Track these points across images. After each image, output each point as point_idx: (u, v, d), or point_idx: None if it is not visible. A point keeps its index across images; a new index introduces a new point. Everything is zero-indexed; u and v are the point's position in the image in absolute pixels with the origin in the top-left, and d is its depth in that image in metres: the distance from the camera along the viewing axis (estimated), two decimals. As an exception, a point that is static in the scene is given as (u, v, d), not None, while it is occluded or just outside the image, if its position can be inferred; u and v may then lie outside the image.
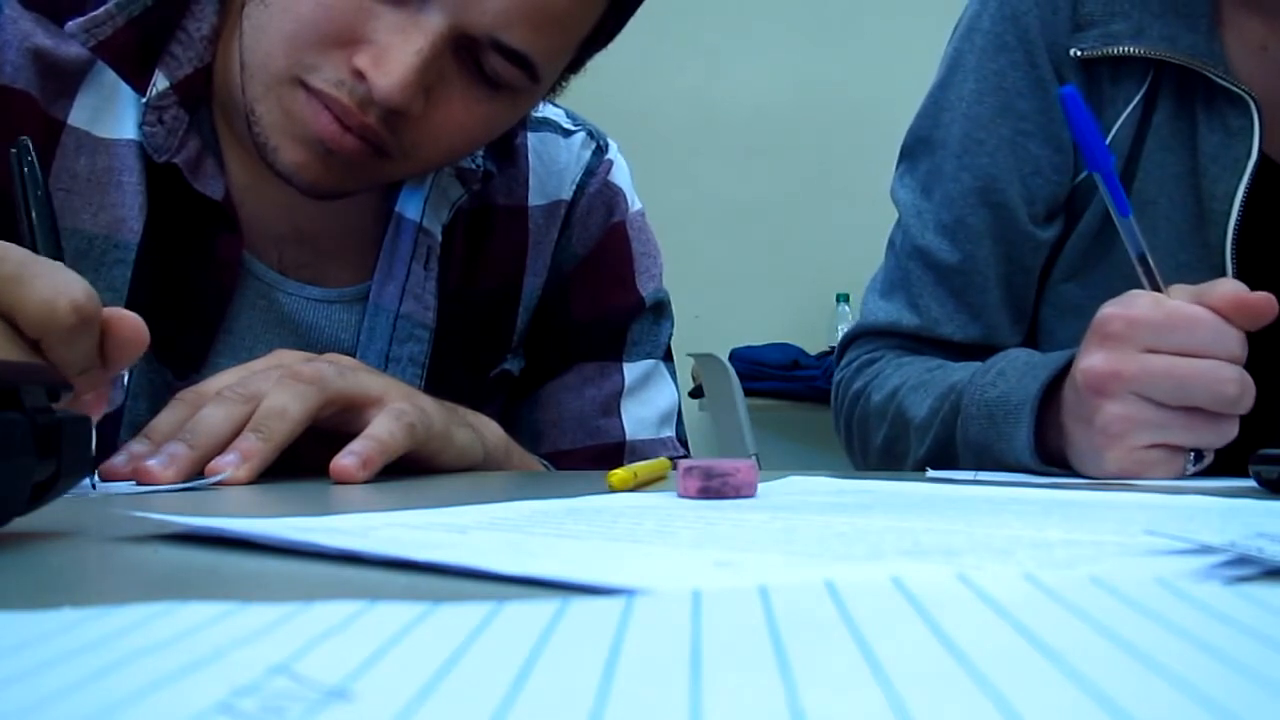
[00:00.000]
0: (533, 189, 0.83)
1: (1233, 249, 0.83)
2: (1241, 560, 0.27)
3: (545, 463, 0.81)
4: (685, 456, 0.86)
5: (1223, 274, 0.82)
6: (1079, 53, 0.85)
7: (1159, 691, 0.16)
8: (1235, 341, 0.64)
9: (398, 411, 0.60)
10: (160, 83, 0.69)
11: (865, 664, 0.17)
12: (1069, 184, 0.89)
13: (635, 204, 0.88)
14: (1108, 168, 0.68)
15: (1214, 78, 0.82)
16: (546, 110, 0.85)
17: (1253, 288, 0.65)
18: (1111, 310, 0.66)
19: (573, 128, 0.86)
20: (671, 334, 0.89)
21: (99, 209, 0.69)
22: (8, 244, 0.45)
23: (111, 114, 0.70)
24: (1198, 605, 0.22)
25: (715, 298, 3.31)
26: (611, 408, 0.84)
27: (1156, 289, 0.67)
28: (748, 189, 3.54)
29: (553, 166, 0.84)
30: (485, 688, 0.16)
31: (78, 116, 0.69)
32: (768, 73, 3.58)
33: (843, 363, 0.95)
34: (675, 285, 0.90)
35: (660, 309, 0.88)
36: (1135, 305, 0.65)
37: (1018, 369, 0.73)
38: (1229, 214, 0.83)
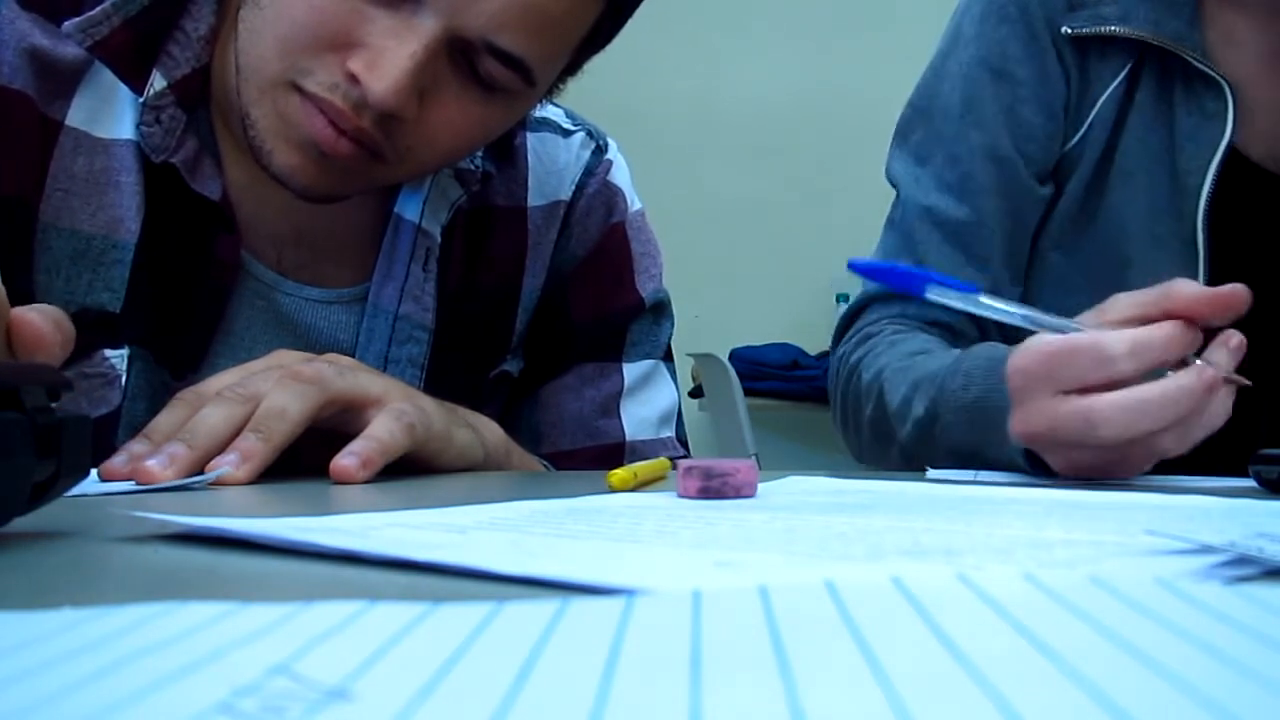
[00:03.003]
0: (532, 189, 0.83)
1: (1204, 221, 0.87)
2: (1241, 560, 0.27)
3: (545, 463, 0.81)
4: (685, 457, 0.86)
5: (1194, 246, 0.87)
6: (1069, 30, 0.90)
7: (1159, 691, 0.16)
8: (1122, 357, 0.60)
9: (398, 412, 0.60)
10: (158, 83, 0.69)
11: (865, 664, 0.17)
12: (1059, 151, 0.93)
13: (635, 204, 0.88)
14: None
15: (1192, 61, 0.88)
16: (546, 110, 0.85)
17: (1220, 267, 0.65)
18: (1015, 363, 0.65)
19: (572, 128, 0.86)
20: (672, 334, 0.89)
21: (97, 209, 0.69)
22: None
23: (109, 114, 0.70)
24: (1198, 605, 0.22)
25: (715, 298, 3.31)
26: (611, 408, 0.84)
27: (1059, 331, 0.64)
28: (748, 189, 3.54)
29: (552, 167, 0.84)
30: (485, 688, 0.16)
31: (75, 117, 0.69)
32: (768, 73, 3.58)
33: (846, 336, 0.96)
34: (675, 285, 0.90)
35: (660, 309, 0.88)
36: (1024, 355, 0.64)
37: (981, 368, 0.72)
38: (1201, 187, 0.87)
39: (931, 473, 0.70)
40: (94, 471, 0.54)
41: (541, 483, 0.65)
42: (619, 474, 0.52)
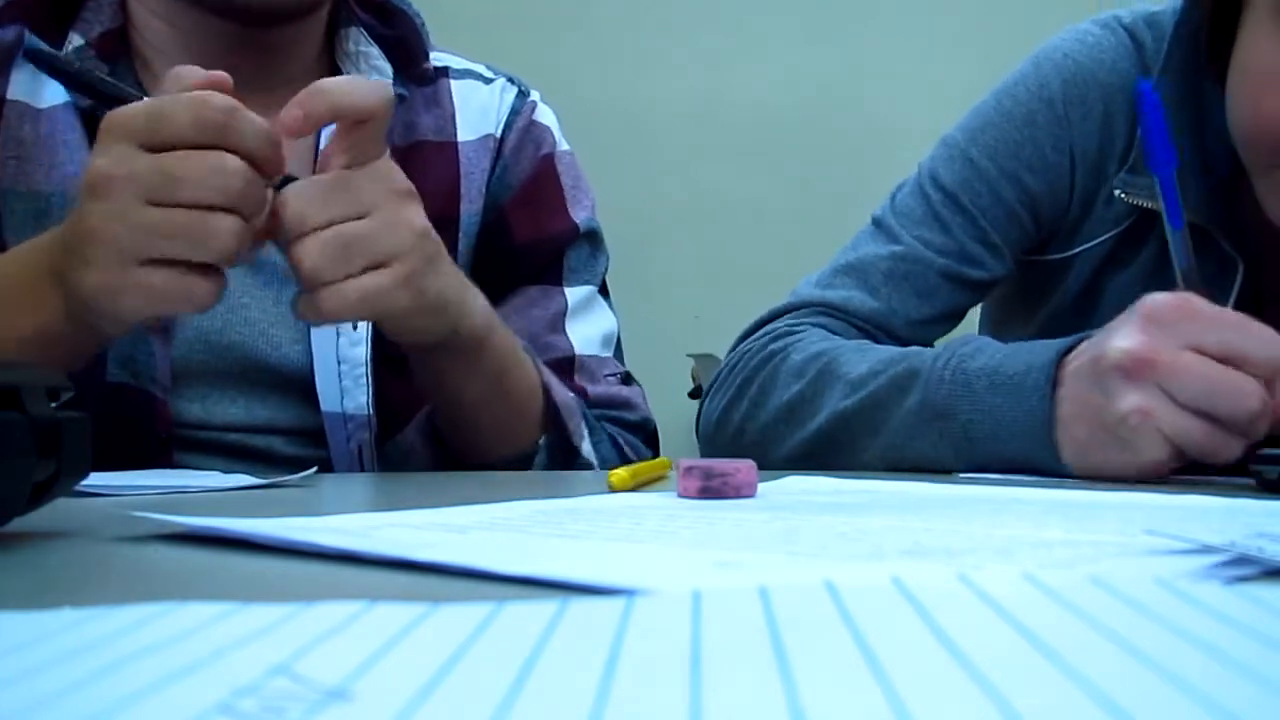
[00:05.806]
0: (461, 126, 0.86)
1: None
2: (1241, 560, 0.27)
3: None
4: (628, 383, 0.88)
5: None
6: (1123, 195, 0.83)
7: (1159, 691, 0.16)
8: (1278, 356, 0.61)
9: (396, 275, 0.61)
10: (75, 40, 0.74)
11: (865, 664, 0.17)
12: (1018, 251, 0.88)
13: (563, 144, 0.91)
14: (1167, 172, 0.68)
15: (1218, 240, 0.81)
16: (468, 64, 0.89)
17: None
18: (1162, 297, 0.64)
19: (493, 76, 0.90)
20: (607, 268, 0.91)
21: (50, 168, 0.74)
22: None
23: (44, 85, 0.75)
24: (1198, 605, 0.22)
25: (715, 298, 3.30)
26: (558, 325, 0.86)
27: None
28: (748, 189, 3.54)
29: (478, 107, 0.88)
30: (485, 688, 0.16)
31: (15, 90, 0.75)
32: (768, 73, 3.58)
33: (760, 333, 0.89)
34: (675, 285, 0.90)
35: (595, 238, 0.90)
36: (1187, 298, 0.63)
37: (995, 347, 0.71)
38: None
39: (962, 476, 0.69)
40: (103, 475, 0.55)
41: (541, 483, 0.65)
42: (619, 474, 0.52)
